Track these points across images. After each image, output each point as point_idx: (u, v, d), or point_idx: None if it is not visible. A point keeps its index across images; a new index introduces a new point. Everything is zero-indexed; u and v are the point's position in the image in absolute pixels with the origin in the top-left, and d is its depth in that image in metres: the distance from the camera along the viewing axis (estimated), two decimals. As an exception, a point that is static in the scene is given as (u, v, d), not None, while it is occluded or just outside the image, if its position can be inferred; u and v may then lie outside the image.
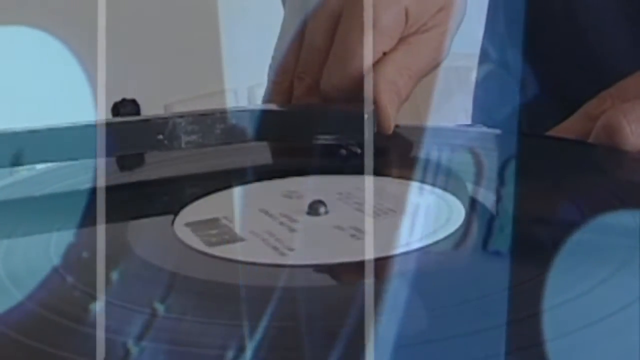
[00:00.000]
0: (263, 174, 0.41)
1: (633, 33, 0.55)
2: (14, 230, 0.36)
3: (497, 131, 0.48)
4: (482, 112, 0.67)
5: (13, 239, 0.35)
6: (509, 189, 0.39)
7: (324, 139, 0.43)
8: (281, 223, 0.36)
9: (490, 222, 0.36)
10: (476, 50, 0.69)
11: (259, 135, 0.43)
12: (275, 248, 0.33)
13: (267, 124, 0.43)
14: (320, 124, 0.43)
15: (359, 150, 0.43)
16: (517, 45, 0.61)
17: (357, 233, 0.34)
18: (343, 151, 0.43)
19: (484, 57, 0.68)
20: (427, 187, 0.39)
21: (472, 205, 0.37)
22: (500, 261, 0.32)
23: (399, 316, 0.28)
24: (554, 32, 0.60)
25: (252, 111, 0.43)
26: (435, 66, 0.49)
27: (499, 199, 0.38)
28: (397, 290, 0.30)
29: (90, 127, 0.41)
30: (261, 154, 0.46)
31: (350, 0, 0.48)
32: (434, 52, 0.49)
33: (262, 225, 0.35)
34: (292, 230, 0.35)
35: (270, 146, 0.46)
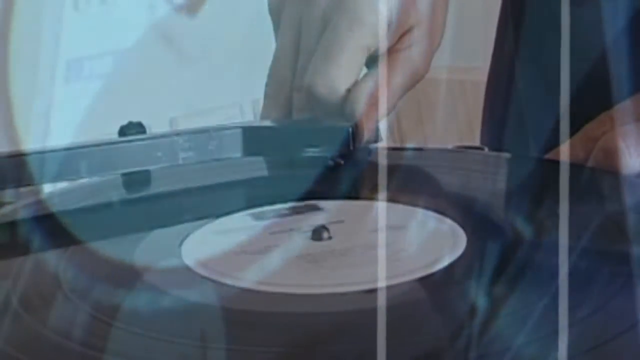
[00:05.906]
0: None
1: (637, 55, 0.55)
2: None
3: (502, 154, 0.49)
4: (490, 132, 0.67)
5: None
6: (509, 213, 0.39)
7: (311, 152, 0.45)
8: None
9: (491, 248, 0.37)
10: (480, 64, 0.69)
11: (250, 151, 0.46)
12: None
13: (256, 140, 0.46)
14: (307, 138, 0.46)
15: (342, 162, 0.45)
16: (525, 64, 0.61)
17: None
18: (331, 162, 0.45)
19: (492, 73, 0.68)
20: (429, 213, 0.40)
21: (474, 230, 0.37)
22: (503, 286, 0.32)
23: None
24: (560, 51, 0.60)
25: (243, 128, 0.45)
26: (418, 81, 0.51)
27: (498, 223, 0.39)
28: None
29: (93, 147, 0.43)
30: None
31: None
32: (413, 68, 0.51)
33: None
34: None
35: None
